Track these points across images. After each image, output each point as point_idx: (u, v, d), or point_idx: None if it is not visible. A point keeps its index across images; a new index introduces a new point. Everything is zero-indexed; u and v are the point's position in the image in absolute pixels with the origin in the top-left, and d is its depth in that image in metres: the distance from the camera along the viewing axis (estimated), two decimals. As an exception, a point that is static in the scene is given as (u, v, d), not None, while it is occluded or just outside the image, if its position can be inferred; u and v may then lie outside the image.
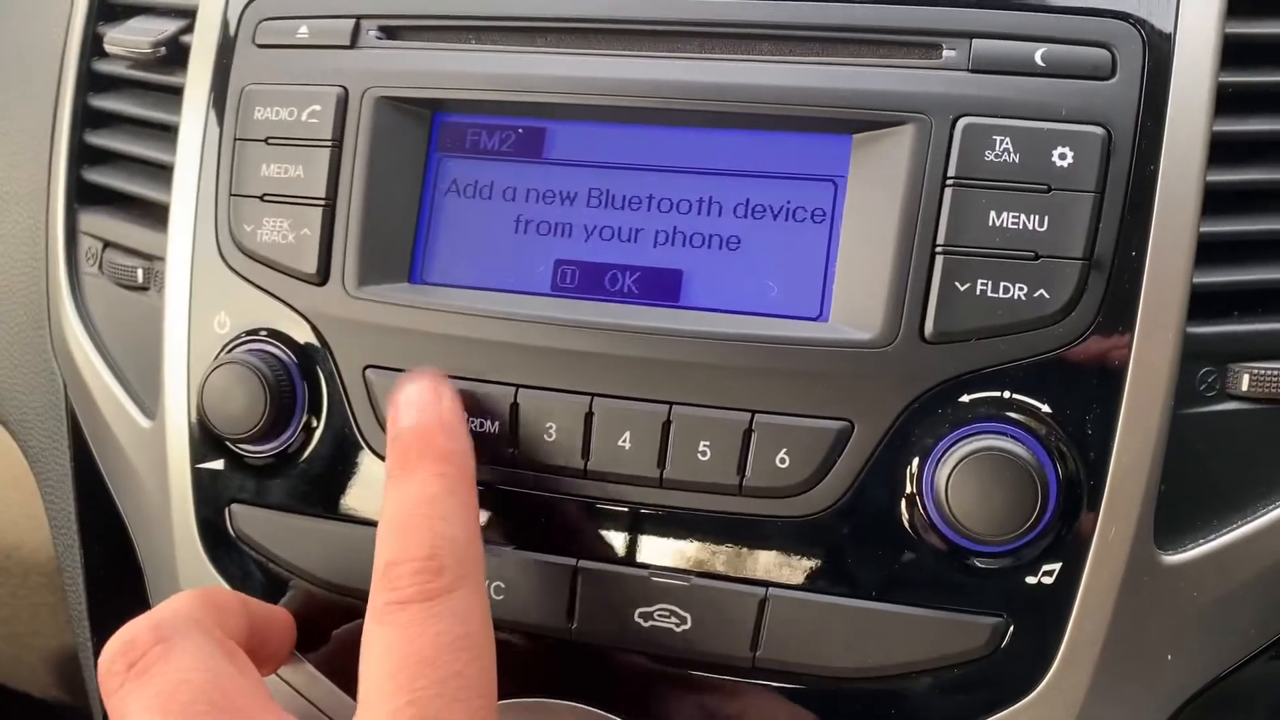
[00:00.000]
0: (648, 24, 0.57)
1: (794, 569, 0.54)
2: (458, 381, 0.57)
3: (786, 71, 0.55)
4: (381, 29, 0.61)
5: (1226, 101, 0.53)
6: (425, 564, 0.48)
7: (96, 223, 0.73)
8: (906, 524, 0.53)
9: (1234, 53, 0.54)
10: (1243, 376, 0.53)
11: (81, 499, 0.76)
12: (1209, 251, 0.53)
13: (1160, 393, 0.51)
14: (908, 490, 0.53)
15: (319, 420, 0.60)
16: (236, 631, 0.53)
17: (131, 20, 0.73)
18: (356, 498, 0.59)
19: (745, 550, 0.55)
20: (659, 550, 0.55)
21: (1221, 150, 0.53)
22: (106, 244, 0.72)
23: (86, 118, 0.75)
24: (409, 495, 0.51)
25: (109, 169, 0.74)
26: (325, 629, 0.60)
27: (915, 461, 0.52)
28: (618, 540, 0.56)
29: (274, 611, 0.59)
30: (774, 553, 0.54)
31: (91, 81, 0.75)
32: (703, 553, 0.55)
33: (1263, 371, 0.53)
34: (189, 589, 0.58)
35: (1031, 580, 0.52)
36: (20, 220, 0.77)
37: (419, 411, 0.53)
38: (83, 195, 0.74)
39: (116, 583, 0.77)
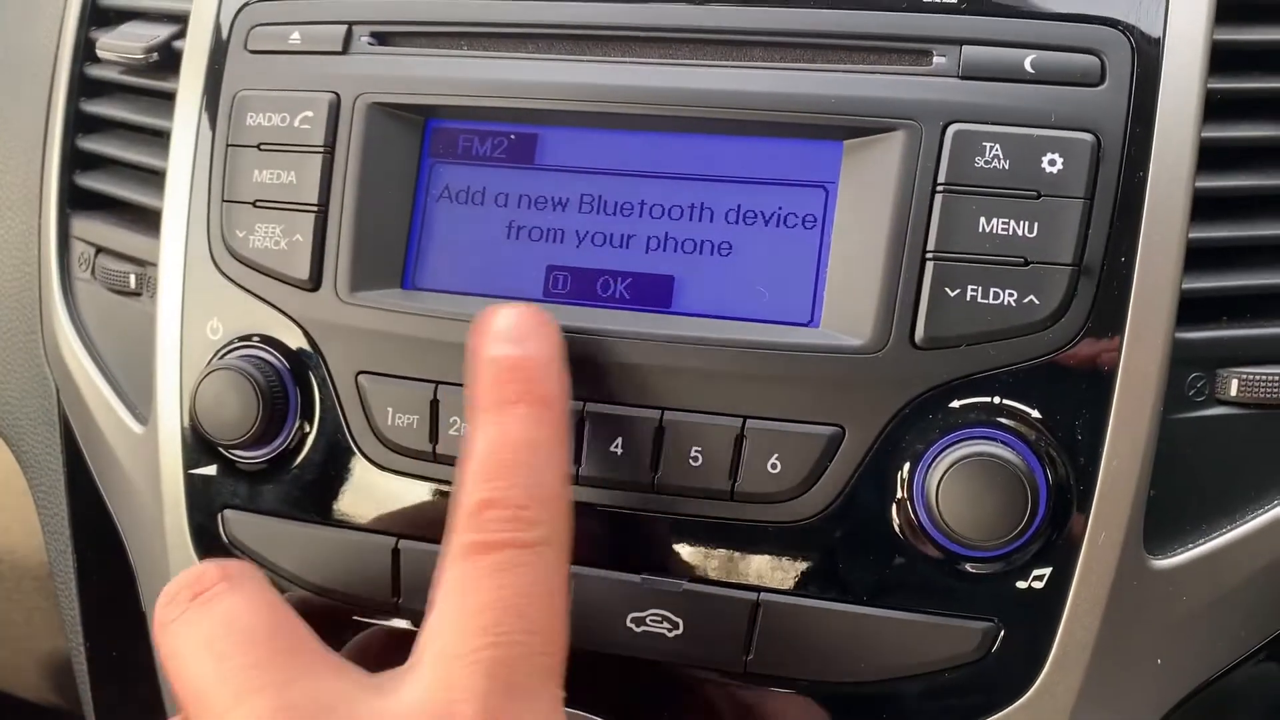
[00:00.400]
0: (639, 30, 0.57)
1: (786, 574, 0.54)
2: (450, 387, 0.57)
3: (777, 78, 0.55)
4: (373, 35, 0.61)
5: (1215, 107, 0.54)
6: (520, 512, 0.45)
7: (89, 228, 0.73)
8: (897, 529, 0.53)
9: (1222, 59, 0.54)
10: (1231, 381, 0.53)
11: (74, 504, 0.76)
12: (1198, 257, 0.53)
13: (1149, 398, 0.51)
14: (899, 495, 0.53)
15: (312, 426, 0.60)
16: None
17: (124, 25, 0.73)
18: (350, 503, 0.59)
19: (737, 556, 0.55)
20: (651, 555, 0.56)
21: (1210, 156, 0.53)
22: (99, 249, 0.72)
23: (79, 123, 0.75)
24: (509, 433, 0.47)
25: (101, 174, 0.74)
26: (318, 634, 0.60)
27: (906, 467, 0.53)
28: (610, 545, 0.56)
29: None
30: (766, 558, 0.54)
31: (84, 86, 0.75)
32: (695, 558, 0.55)
33: (1251, 376, 0.53)
34: None
35: (1022, 585, 0.52)
36: (12, 225, 0.77)
37: (524, 343, 0.50)
38: (75, 200, 0.74)
39: (109, 588, 0.77)
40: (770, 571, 0.54)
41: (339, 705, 0.44)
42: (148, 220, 0.69)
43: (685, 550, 0.55)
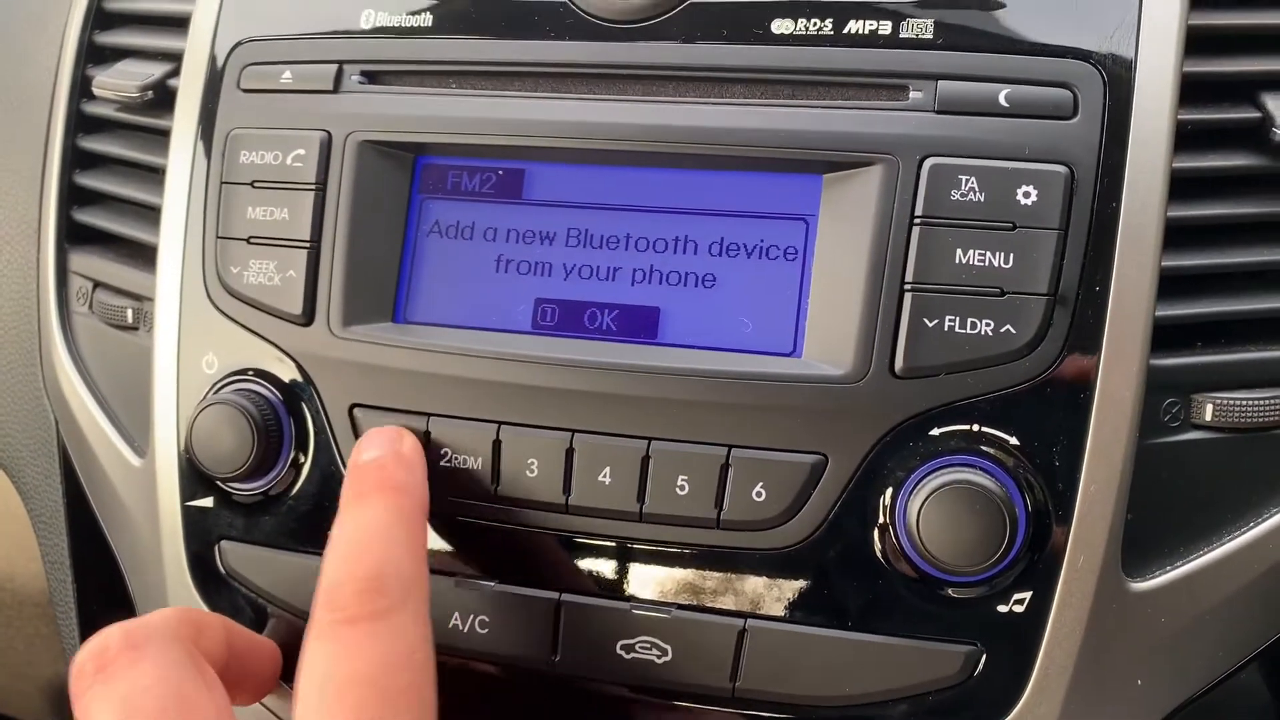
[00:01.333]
0: (622, 68, 0.58)
1: (772, 600, 0.55)
2: (441, 419, 0.58)
3: (758, 114, 0.56)
4: (364, 74, 0.62)
5: (1186, 138, 0.55)
6: (369, 584, 0.49)
7: (87, 263, 0.74)
8: (880, 555, 0.54)
9: (1192, 90, 0.55)
10: (1206, 406, 0.54)
11: (74, 534, 0.77)
12: (1171, 285, 0.54)
13: (1125, 424, 0.53)
14: (881, 522, 0.54)
15: (306, 459, 0.61)
16: (213, 650, 0.54)
17: (120, 63, 0.74)
18: (343, 534, 0.60)
19: (724, 582, 0.56)
20: (640, 583, 0.57)
21: (1182, 185, 0.54)
22: (96, 284, 0.73)
23: (76, 159, 0.76)
24: (361, 520, 0.52)
25: (99, 209, 0.75)
26: None
27: (888, 494, 0.54)
28: (599, 574, 0.57)
29: (258, 640, 0.59)
30: (752, 585, 0.55)
31: (81, 123, 0.76)
32: (682, 585, 0.56)
33: (1225, 401, 0.54)
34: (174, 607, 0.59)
35: (1003, 609, 0.53)
36: (11, 260, 0.78)
37: (379, 448, 0.56)
38: (73, 235, 0.75)
39: (109, 616, 0.78)
40: (756, 598, 0.55)
41: None
42: (144, 255, 0.70)
43: (673, 578, 0.56)
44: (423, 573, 0.52)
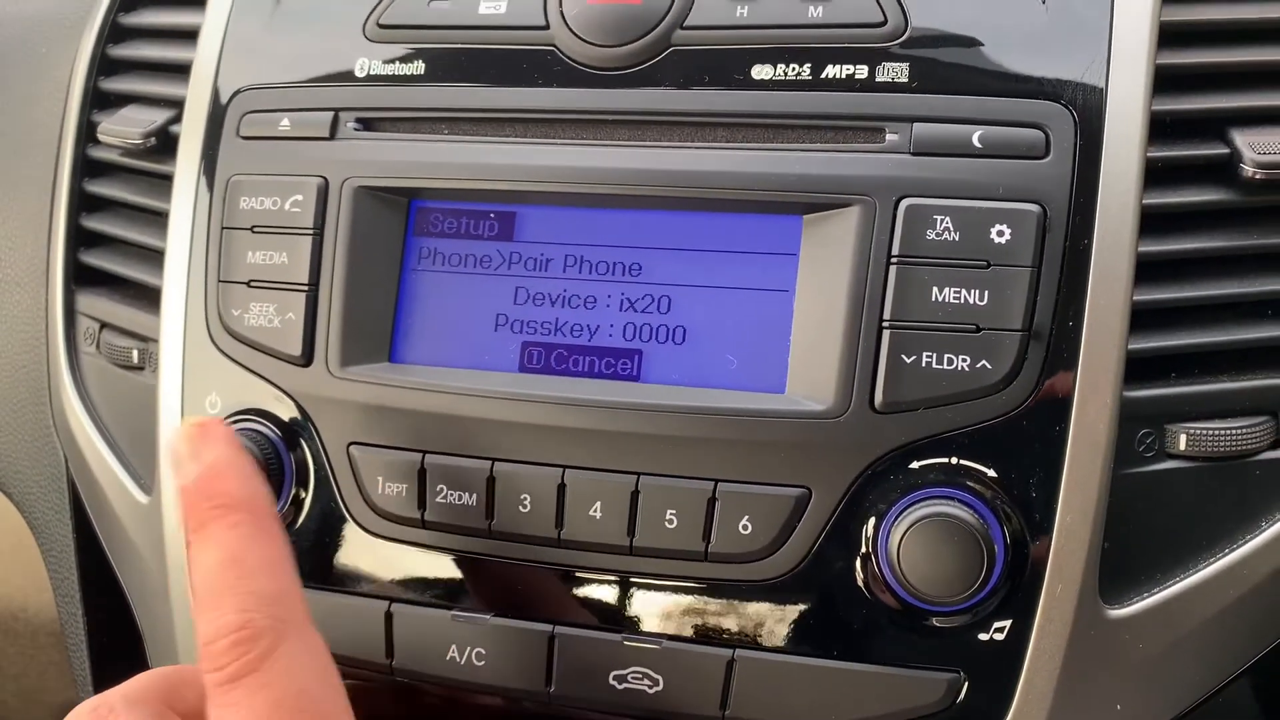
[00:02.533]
0: (608, 114, 0.60)
1: (759, 631, 0.57)
2: (436, 456, 0.60)
3: (740, 158, 0.58)
4: (359, 121, 0.64)
5: (1156, 174, 0.56)
6: (239, 634, 0.47)
7: (93, 304, 0.76)
8: (863, 586, 0.55)
9: (1162, 128, 0.57)
10: (1180, 436, 0.56)
11: (83, 568, 0.79)
12: (1143, 318, 0.56)
13: (1100, 455, 0.54)
14: (864, 553, 0.55)
15: (306, 495, 0.63)
16: (195, 703, 0.53)
17: (124, 109, 0.76)
18: (344, 569, 0.62)
19: (713, 613, 0.57)
20: (631, 615, 0.58)
21: (1153, 221, 0.56)
22: (103, 325, 0.75)
23: (82, 202, 0.78)
24: (208, 560, 0.50)
25: (105, 251, 0.77)
26: None
27: (870, 526, 0.55)
28: (591, 606, 0.59)
29: None
30: (740, 615, 0.57)
31: (87, 167, 0.78)
32: (672, 616, 0.58)
33: (1199, 431, 0.56)
34: (187, 661, 0.61)
35: (984, 637, 0.54)
36: (21, 301, 0.80)
37: (193, 462, 0.52)
38: (80, 277, 0.77)
39: (119, 647, 0.80)
40: (744, 628, 0.57)
41: None
42: (149, 297, 0.72)
43: (663, 609, 0.58)
44: (291, 593, 0.50)
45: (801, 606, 0.56)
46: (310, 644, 0.49)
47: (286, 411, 0.63)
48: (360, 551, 0.62)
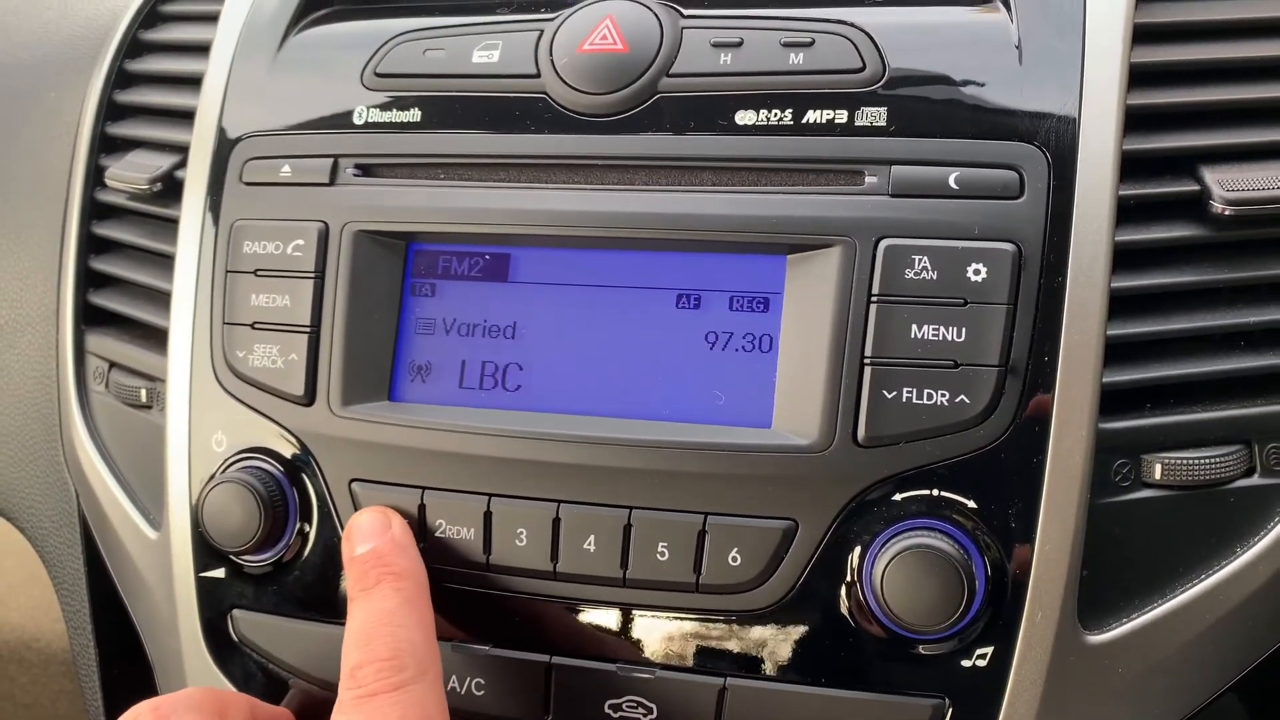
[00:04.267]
0: (598, 159, 0.62)
1: (750, 659, 0.58)
2: (434, 492, 0.61)
3: (725, 201, 0.60)
4: (358, 167, 0.66)
5: (1128, 212, 0.58)
6: (388, 663, 0.53)
7: (103, 344, 0.78)
8: (849, 614, 0.57)
9: (1133, 166, 0.59)
10: (1155, 466, 0.57)
11: (95, 601, 0.81)
12: (1118, 352, 0.57)
13: (1077, 485, 0.56)
14: (849, 583, 0.57)
15: (311, 531, 0.64)
16: None
17: (131, 154, 0.79)
18: (348, 603, 0.64)
19: (705, 643, 0.59)
20: (625, 645, 0.60)
21: (1125, 257, 0.58)
22: (112, 364, 0.77)
23: (91, 244, 0.80)
24: (372, 609, 0.57)
25: (114, 293, 0.79)
26: None
27: (855, 556, 0.57)
28: (587, 637, 0.60)
29: (277, 713, 0.63)
30: (731, 645, 0.59)
31: (95, 210, 0.80)
32: (665, 646, 0.59)
33: (1174, 461, 0.57)
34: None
35: (967, 663, 0.56)
36: (33, 340, 0.83)
37: (373, 537, 0.60)
38: (89, 318, 0.79)
39: (129, 677, 0.82)
40: (735, 657, 0.59)
41: None
42: (157, 338, 0.74)
43: (656, 639, 0.60)
44: (434, 649, 0.56)
45: (790, 635, 0.58)
46: (438, 692, 0.55)
47: (290, 450, 0.65)
48: (363, 585, 0.64)
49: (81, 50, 0.88)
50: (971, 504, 0.56)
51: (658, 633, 0.60)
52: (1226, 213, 0.58)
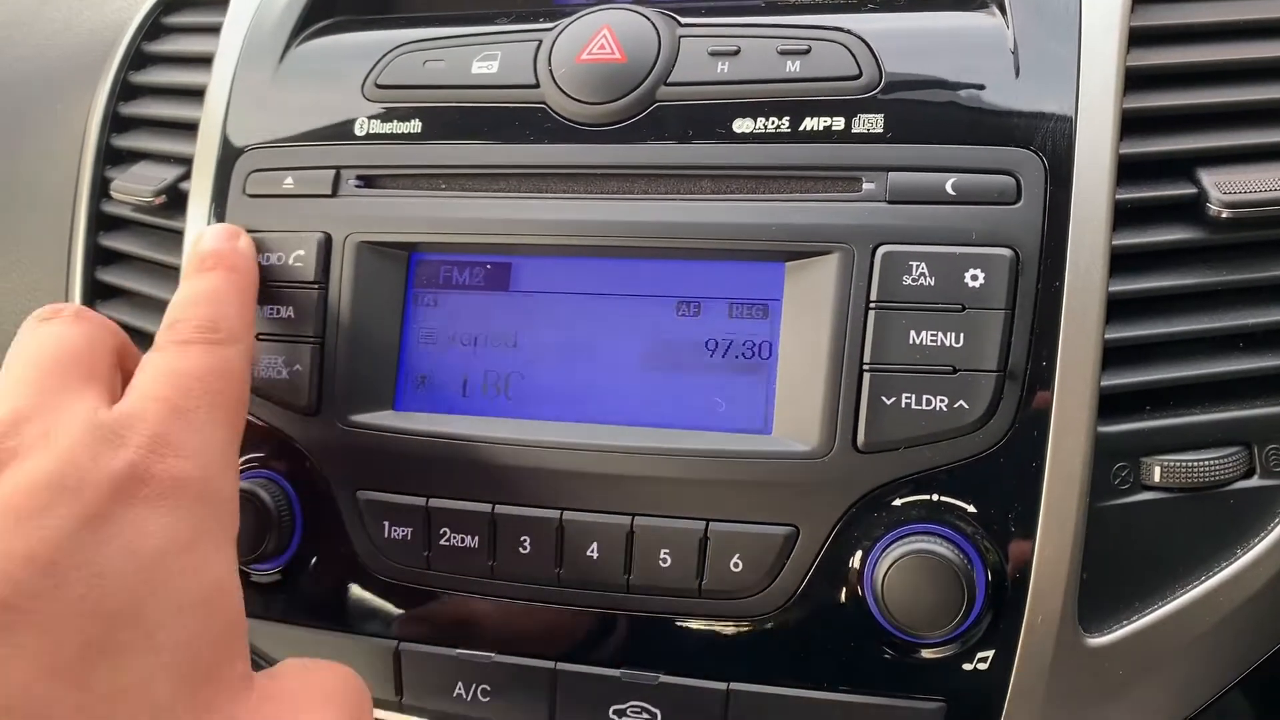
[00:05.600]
0: (597, 168, 0.63)
1: (753, 664, 0.59)
2: (440, 500, 0.62)
3: (723, 209, 0.60)
4: (360, 178, 0.67)
5: (1125, 215, 0.58)
6: (205, 322, 0.57)
7: (110, 355, 0.79)
8: (851, 619, 0.58)
9: (1130, 170, 0.59)
10: (1154, 469, 0.57)
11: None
12: (1116, 355, 0.58)
13: (1076, 489, 0.56)
14: (850, 588, 0.57)
15: (317, 541, 0.65)
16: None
17: (136, 166, 0.79)
18: (354, 610, 0.65)
19: (708, 648, 0.60)
20: (629, 651, 0.61)
21: (1123, 261, 0.58)
22: (120, 375, 0.78)
23: (98, 255, 0.81)
24: (200, 285, 0.60)
25: (121, 303, 0.79)
26: None
27: (856, 561, 0.57)
28: (591, 643, 0.61)
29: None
30: (734, 650, 0.59)
31: (101, 221, 0.81)
32: (669, 652, 0.60)
33: (1173, 463, 0.57)
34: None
35: (968, 667, 0.57)
36: (41, 351, 0.83)
37: (218, 240, 0.63)
38: (97, 327, 0.80)
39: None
40: (738, 662, 0.59)
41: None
42: (164, 348, 0.74)
43: (659, 645, 0.60)
44: (250, 332, 0.60)
45: (793, 640, 0.58)
46: (246, 365, 0.57)
47: (296, 460, 0.66)
48: (369, 593, 0.64)
49: (86, 62, 0.89)
50: (971, 508, 0.56)
51: (661, 639, 0.60)
52: (1224, 215, 0.58)
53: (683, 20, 0.64)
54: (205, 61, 0.75)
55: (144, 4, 0.86)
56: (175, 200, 0.75)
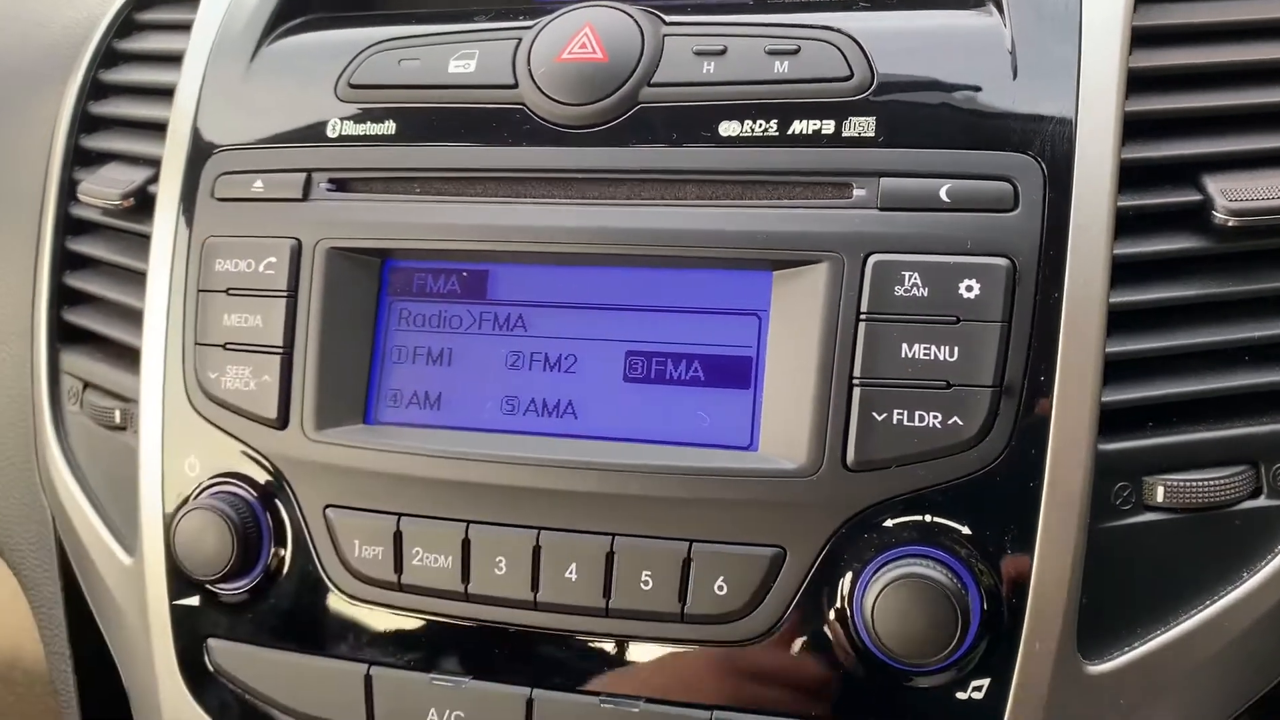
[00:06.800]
0: (578, 173, 0.60)
1: (737, 691, 0.56)
2: (411, 518, 0.59)
3: (708, 215, 0.58)
4: (331, 181, 0.64)
5: (1127, 223, 0.56)
6: None
7: (77, 363, 0.76)
8: (840, 645, 0.55)
9: (1132, 176, 0.56)
10: (1157, 488, 0.55)
11: (72, 626, 0.79)
12: (1117, 370, 0.55)
13: (1075, 510, 0.53)
14: (839, 613, 0.55)
15: (284, 559, 0.63)
16: None
17: (105, 168, 0.77)
18: (323, 631, 0.62)
19: (690, 675, 0.57)
20: (609, 677, 0.58)
21: (1125, 271, 0.56)
22: (86, 384, 0.75)
23: (65, 260, 0.78)
24: None
25: (88, 310, 0.77)
26: None
27: (845, 585, 0.55)
28: (570, 668, 0.58)
29: None
30: (718, 676, 0.57)
31: (69, 225, 0.79)
32: (650, 678, 0.57)
33: (1176, 483, 0.55)
34: None
35: (962, 696, 0.54)
36: (7, 359, 0.81)
37: None
38: (64, 335, 0.78)
39: (110, 700, 0.80)
40: (722, 689, 0.57)
41: None
42: (131, 356, 0.72)
43: (640, 671, 0.58)
44: None
45: (778, 667, 0.56)
46: None
47: (263, 475, 0.63)
48: (339, 614, 0.62)
49: (58, 60, 0.87)
50: (966, 530, 0.54)
51: (642, 664, 0.58)
52: (1230, 223, 0.55)
53: (667, 19, 0.61)
54: (176, 60, 0.73)
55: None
56: (144, 203, 0.72)
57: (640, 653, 0.58)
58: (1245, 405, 0.57)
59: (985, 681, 0.54)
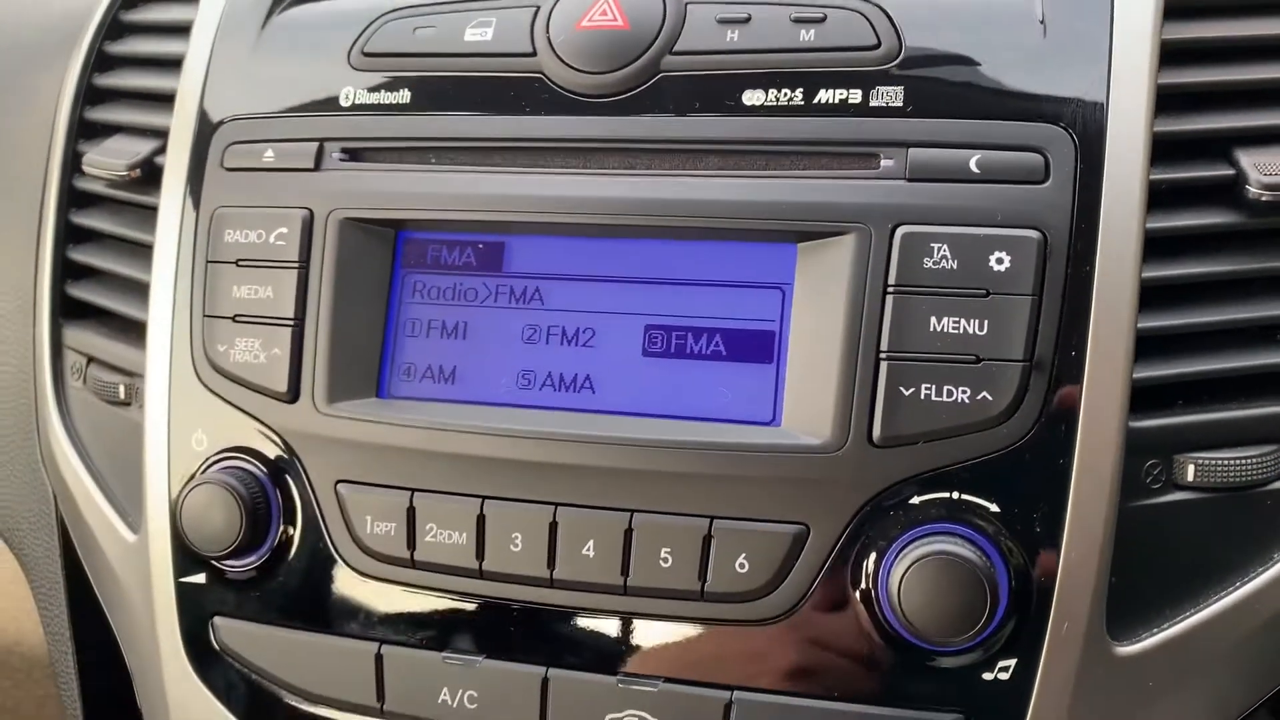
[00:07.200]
0: (597, 142, 0.59)
1: (758, 671, 0.55)
2: (425, 494, 0.58)
3: (731, 186, 0.57)
4: (345, 151, 0.63)
5: (1159, 197, 0.55)
6: None
7: (80, 338, 0.75)
8: (864, 625, 0.54)
9: (1164, 149, 0.55)
10: (1188, 467, 0.54)
11: (74, 608, 0.78)
12: (1149, 345, 0.54)
13: (1106, 488, 0.52)
14: (864, 592, 0.54)
15: (295, 535, 0.61)
16: None
17: (110, 140, 0.75)
18: (333, 610, 0.61)
19: (710, 654, 0.56)
20: (626, 656, 0.57)
21: (1157, 245, 0.54)
22: (90, 359, 0.74)
23: (69, 234, 0.77)
24: None
25: (92, 284, 0.76)
26: None
27: (870, 564, 0.54)
28: (586, 647, 0.57)
29: None
30: (738, 656, 0.55)
31: (73, 198, 0.77)
32: (668, 658, 0.56)
33: (1208, 461, 0.54)
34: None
35: (988, 676, 0.53)
36: (8, 335, 0.79)
37: None
38: (67, 310, 0.76)
39: (110, 683, 0.79)
40: (742, 669, 0.55)
41: None
42: (136, 330, 0.70)
43: (659, 650, 0.56)
44: None
45: (800, 646, 0.55)
46: None
47: (273, 449, 0.62)
48: (350, 592, 0.60)
49: (61, 33, 0.85)
50: (994, 508, 0.53)
51: (661, 643, 0.56)
52: (1264, 198, 0.54)
53: (690, -14, 0.60)
54: (183, 30, 0.71)
55: (123, -28, 0.83)
56: (151, 175, 0.71)
57: (658, 632, 0.56)
58: (1276, 383, 0.56)
59: (1012, 662, 0.53)
